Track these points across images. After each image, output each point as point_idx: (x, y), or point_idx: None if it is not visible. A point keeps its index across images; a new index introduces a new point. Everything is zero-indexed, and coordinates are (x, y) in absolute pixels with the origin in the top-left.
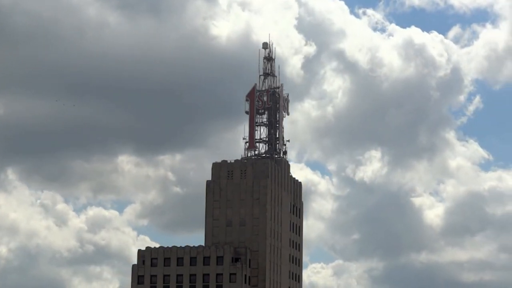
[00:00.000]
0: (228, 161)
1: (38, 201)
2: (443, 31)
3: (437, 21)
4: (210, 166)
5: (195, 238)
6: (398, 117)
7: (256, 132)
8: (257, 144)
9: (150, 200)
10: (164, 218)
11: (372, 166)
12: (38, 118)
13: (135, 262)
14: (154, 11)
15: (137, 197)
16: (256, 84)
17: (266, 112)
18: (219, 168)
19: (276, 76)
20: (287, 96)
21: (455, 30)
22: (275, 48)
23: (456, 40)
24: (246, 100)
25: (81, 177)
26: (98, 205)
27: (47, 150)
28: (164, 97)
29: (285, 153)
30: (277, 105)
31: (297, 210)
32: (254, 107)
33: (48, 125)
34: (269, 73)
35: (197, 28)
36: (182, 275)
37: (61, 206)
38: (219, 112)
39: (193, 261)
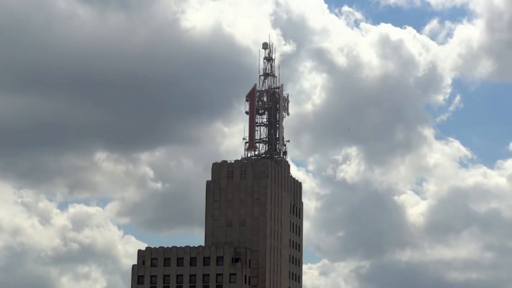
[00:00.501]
0: (228, 161)
1: (20, 199)
2: (421, 28)
3: (414, 18)
4: (189, 162)
5: (179, 234)
6: (377, 115)
7: (256, 132)
8: (257, 144)
9: (131, 197)
10: (146, 215)
11: (352, 164)
12: (8, 114)
13: (122, 260)
14: (124, 3)
15: (117, 195)
16: (256, 84)
17: (266, 113)
18: (219, 168)
19: (276, 77)
20: (287, 97)
21: (432, 28)
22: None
23: (434, 37)
24: (246, 100)
25: (57, 174)
26: (79, 203)
27: (20, 147)
28: (135, 92)
29: (285, 153)
30: (277, 106)
31: (297, 210)
32: (254, 107)
33: (19, 122)
34: (269, 73)
35: (168, 22)
36: (182, 275)
37: (42, 204)
38: (192, 107)
39: (193, 261)
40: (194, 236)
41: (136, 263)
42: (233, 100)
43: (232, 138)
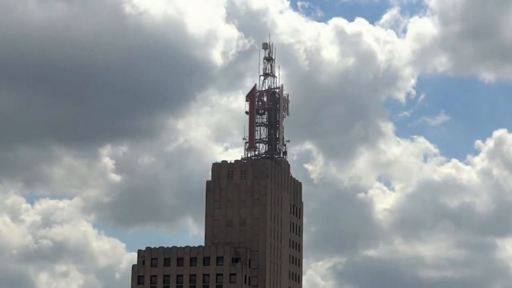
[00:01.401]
0: (228, 161)
1: None
2: (382, 23)
3: (371, 12)
4: (152, 155)
5: (149, 231)
6: (340, 110)
7: (256, 132)
8: (257, 144)
9: (94, 193)
10: (113, 211)
11: (317, 161)
12: None
13: (96, 256)
14: None
15: (79, 191)
16: (256, 84)
17: (266, 113)
18: (219, 168)
19: (276, 77)
20: (287, 97)
21: (389, 22)
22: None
23: (391, 32)
24: (246, 100)
25: (17, 170)
26: (44, 197)
27: None
28: (88, 84)
29: (285, 153)
30: (277, 106)
31: (297, 210)
32: (254, 107)
33: None
34: (269, 74)
35: (116, 8)
36: (182, 275)
37: (9, 201)
38: (150, 99)
39: (193, 261)
40: (162, 232)
41: (108, 260)
42: (188, 92)
43: (190, 131)
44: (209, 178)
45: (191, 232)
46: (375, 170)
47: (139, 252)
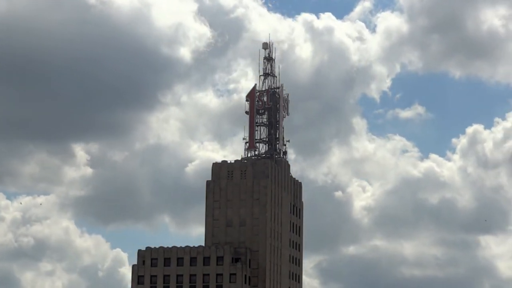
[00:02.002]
0: (228, 161)
1: None
2: (354, 19)
3: (346, 8)
4: (124, 152)
5: (128, 228)
6: (314, 108)
7: (256, 132)
8: (257, 144)
9: (72, 190)
10: (91, 208)
11: (291, 158)
12: None
13: (78, 253)
14: None
15: (55, 187)
16: (256, 84)
17: (266, 113)
18: (219, 168)
19: (276, 77)
20: (287, 97)
21: (363, 18)
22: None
23: (364, 28)
24: (246, 100)
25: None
26: (20, 194)
27: None
28: (52, 78)
29: (285, 153)
30: (277, 106)
31: (297, 210)
32: (254, 107)
33: None
34: (269, 73)
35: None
36: (182, 275)
37: None
38: (116, 94)
39: (193, 261)
40: (140, 229)
41: (91, 259)
42: (158, 88)
43: (162, 126)
44: (184, 174)
45: (170, 229)
46: (350, 168)
47: (139, 252)
